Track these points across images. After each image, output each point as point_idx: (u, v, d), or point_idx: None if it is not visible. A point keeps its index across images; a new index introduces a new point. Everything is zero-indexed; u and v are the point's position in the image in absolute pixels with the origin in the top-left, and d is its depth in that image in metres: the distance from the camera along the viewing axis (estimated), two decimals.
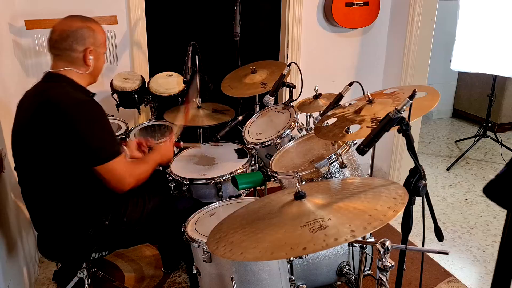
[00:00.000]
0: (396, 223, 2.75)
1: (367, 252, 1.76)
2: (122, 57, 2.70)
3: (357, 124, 1.52)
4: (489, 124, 3.81)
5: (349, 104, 1.74)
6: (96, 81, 1.79)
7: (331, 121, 1.66)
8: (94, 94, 1.75)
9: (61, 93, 1.55)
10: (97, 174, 1.56)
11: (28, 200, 1.69)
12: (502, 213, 2.94)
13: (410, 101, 1.22)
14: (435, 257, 2.46)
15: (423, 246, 1.43)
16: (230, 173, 1.90)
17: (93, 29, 1.66)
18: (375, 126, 1.32)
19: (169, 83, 2.54)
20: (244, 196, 1.90)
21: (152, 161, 1.79)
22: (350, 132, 1.52)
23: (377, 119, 1.47)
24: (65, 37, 1.61)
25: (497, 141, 3.80)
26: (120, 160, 1.58)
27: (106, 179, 1.57)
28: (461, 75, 4.82)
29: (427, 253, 2.38)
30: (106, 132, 1.58)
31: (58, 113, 1.50)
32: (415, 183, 1.23)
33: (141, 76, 2.55)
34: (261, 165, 2.17)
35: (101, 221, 1.67)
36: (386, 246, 1.21)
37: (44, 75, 1.66)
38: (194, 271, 1.55)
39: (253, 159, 2.04)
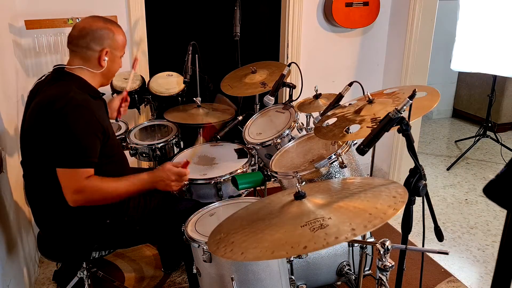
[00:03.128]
0: (396, 223, 2.75)
1: (367, 252, 1.76)
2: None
3: (357, 124, 1.52)
4: (489, 124, 3.81)
5: (349, 104, 1.74)
6: (109, 83, 1.79)
7: (331, 121, 1.66)
8: (103, 94, 1.76)
9: (61, 92, 1.55)
10: (58, 177, 1.52)
11: (30, 195, 1.70)
12: (502, 213, 2.95)
13: (410, 101, 1.22)
14: (435, 257, 2.46)
15: (423, 246, 1.43)
16: (230, 173, 1.90)
17: (113, 31, 1.67)
18: (375, 126, 1.32)
19: (169, 83, 2.54)
20: (244, 196, 1.90)
21: (135, 183, 1.62)
22: (350, 132, 1.52)
23: (377, 119, 1.47)
24: (84, 35, 1.63)
25: (497, 141, 3.80)
26: (82, 172, 1.51)
27: (62, 185, 1.51)
28: (461, 75, 4.82)
29: (427, 253, 2.38)
30: (83, 138, 1.52)
31: (52, 111, 1.50)
32: (415, 183, 1.23)
33: (141, 76, 2.56)
34: (261, 165, 2.17)
35: (103, 219, 1.67)
36: (386, 246, 1.21)
37: (56, 70, 1.66)
38: (194, 271, 1.55)
39: (253, 159, 2.04)
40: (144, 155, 2.28)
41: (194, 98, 2.44)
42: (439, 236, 1.37)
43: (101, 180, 1.56)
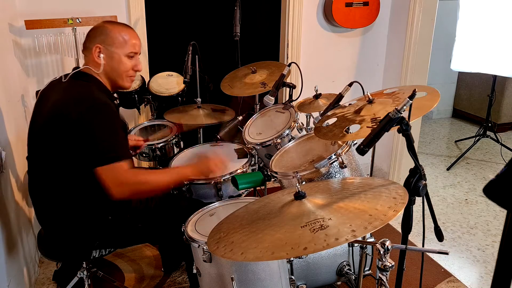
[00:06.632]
0: (396, 223, 2.75)
1: (367, 252, 1.76)
2: None
3: (357, 124, 1.52)
4: (489, 124, 3.81)
5: (349, 104, 1.74)
6: (124, 86, 1.74)
7: (331, 121, 1.66)
8: (116, 98, 1.76)
9: (84, 93, 1.57)
10: (97, 176, 1.54)
11: (34, 190, 1.70)
12: (502, 213, 2.95)
13: (410, 101, 1.22)
14: (435, 257, 2.46)
15: (423, 246, 1.43)
16: (230, 173, 1.90)
17: (109, 28, 1.67)
18: (375, 126, 1.32)
19: (169, 83, 2.54)
20: (244, 196, 1.90)
21: (175, 174, 1.71)
22: (350, 132, 1.52)
23: (377, 119, 1.47)
24: (86, 36, 1.71)
25: (497, 141, 3.80)
26: (122, 165, 1.54)
27: (105, 182, 1.53)
28: (461, 75, 4.82)
29: (427, 253, 2.38)
30: (113, 135, 1.55)
31: (69, 115, 1.51)
32: (415, 183, 1.23)
33: (141, 76, 2.55)
34: (261, 165, 2.17)
35: (105, 215, 1.67)
36: (386, 246, 1.21)
37: (74, 72, 1.67)
38: (194, 271, 1.55)
39: (253, 159, 2.04)
40: (144, 155, 2.28)
41: (195, 99, 2.44)
42: (439, 236, 1.36)
43: (143, 172, 1.61)
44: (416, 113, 1.40)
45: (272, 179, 1.87)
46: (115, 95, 2.45)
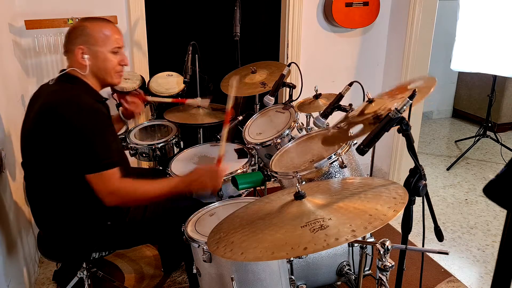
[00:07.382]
0: (396, 223, 2.75)
1: (367, 252, 1.76)
2: None
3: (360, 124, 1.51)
4: (489, 124, 3.81)
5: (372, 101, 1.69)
6: (113, 83, 1.70)
7: (357, 128, 1.59)
8: (106, 99, 1.74)
9: (69, 97, 1.54)
10: (88, 182, 1.53)
11: (31, 196, 1.69)
12: (502, 213, 2.95)
13: (410, 101, 1.22)
14: (435, 257, 2.46)
15: (423, 246, 1.43)
16: (230, 173, 1.90)
17: (88, 27, 1.62)
18: (375, 126, 1.32)
19: (169, 83, 2.54)
20: (244, 196, 1.90)
21: (168, 186, 1.64)
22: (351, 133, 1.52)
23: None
24: (65, 38, 1.66)
25: (497, 141, 3.80)
26: (111, 173, 1.53)
27: (96, 189, 1.53)
28: (461, 75, 4.82)
29: (427, 253, 2.38)
30: (102, 141, 1.53)
31: (59, 117, 1.49)
32: (415, 183, 1.23)
33: (141, 76, 2.55)
34: (261, 165, 2.17)
35: (103, 221, 1.67)
36: (386, 246, 1.21)
37: (61, 74, 1.64)
38: (194, 271, 1.55)
39: (253, 159, 2.04)
40: (144, 155, 2.28)
41: (195, 98, 2.44)
42: (439, 236, 1.36)
43: (133, 182, 1.57)
44: (416, 98, 1.37)
45: (272, 179, 1.86)
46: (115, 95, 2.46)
